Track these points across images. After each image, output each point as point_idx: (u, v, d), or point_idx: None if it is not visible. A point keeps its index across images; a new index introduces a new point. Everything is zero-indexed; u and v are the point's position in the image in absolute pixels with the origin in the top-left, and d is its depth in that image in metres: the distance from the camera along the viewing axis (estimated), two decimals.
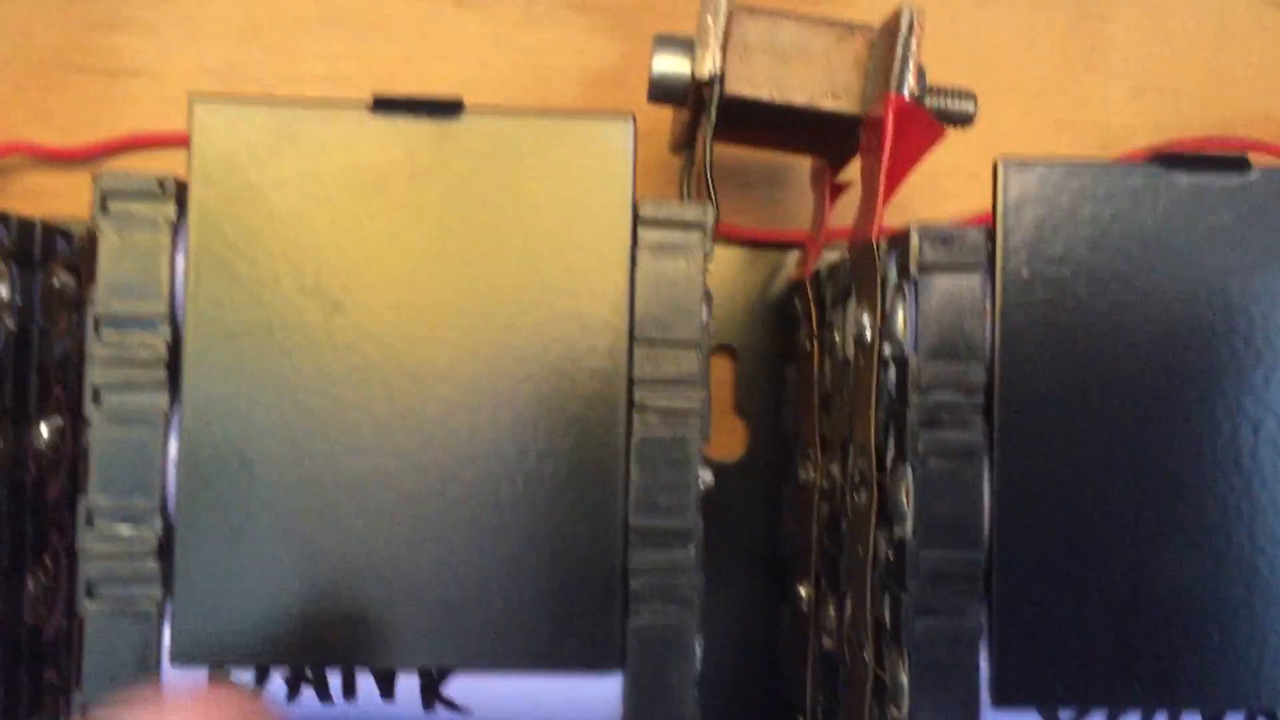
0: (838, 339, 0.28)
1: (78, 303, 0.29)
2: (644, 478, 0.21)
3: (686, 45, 0.26)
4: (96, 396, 0.21)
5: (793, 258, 0.34)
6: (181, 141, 0.34)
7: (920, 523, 0.21)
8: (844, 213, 0.31)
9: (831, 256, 0.31)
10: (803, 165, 0.34)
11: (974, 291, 0.21)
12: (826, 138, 0.28)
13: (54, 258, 0.27)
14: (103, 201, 0.21)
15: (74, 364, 0.29)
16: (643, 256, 0.21)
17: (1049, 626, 0.21)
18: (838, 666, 0.26)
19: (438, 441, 0.21)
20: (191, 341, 0.21)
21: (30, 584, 0.27)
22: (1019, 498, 0.21)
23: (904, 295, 0.22)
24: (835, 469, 0.28)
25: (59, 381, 0.28)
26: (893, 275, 0.23)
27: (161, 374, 0.21)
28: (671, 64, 0.26)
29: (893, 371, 0.23)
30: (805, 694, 0.29)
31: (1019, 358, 0.21)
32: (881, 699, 0.23)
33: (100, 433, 0.21)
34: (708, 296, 0.22)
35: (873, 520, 0.23)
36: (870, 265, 0.23)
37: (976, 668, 0.21)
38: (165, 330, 0.21)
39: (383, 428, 0.21)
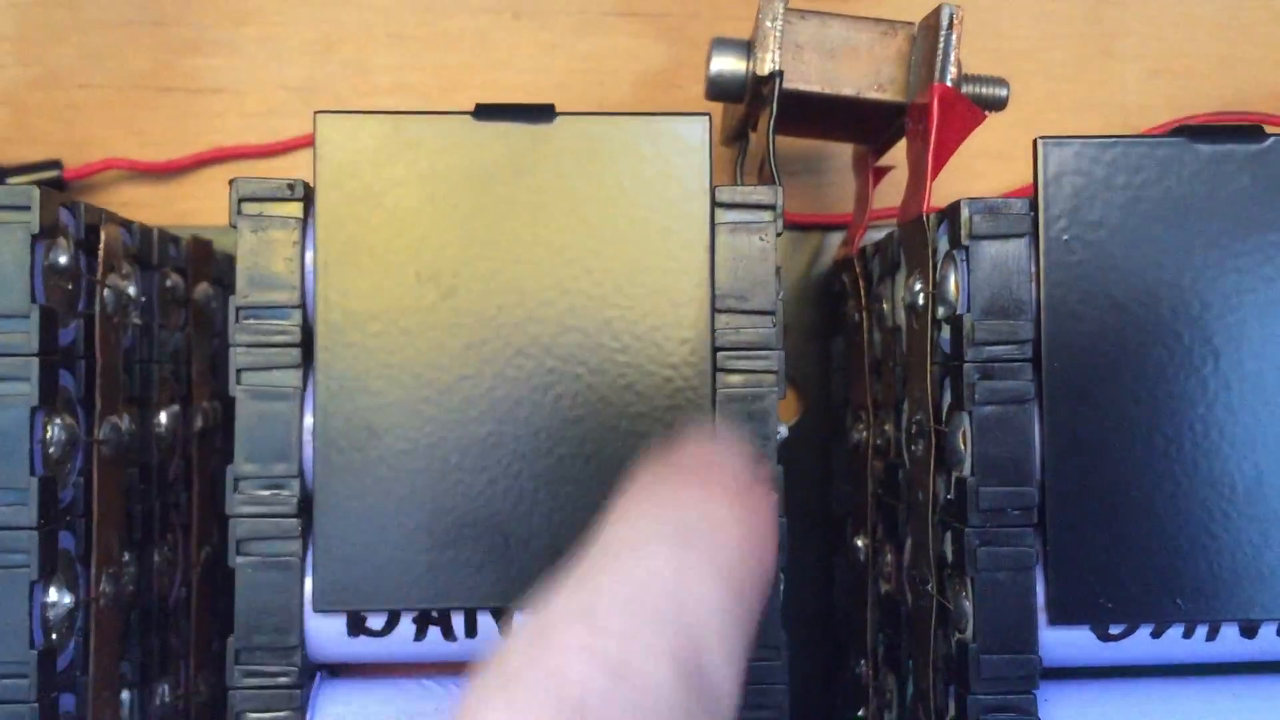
0: (886, 309, 0.30)
1: (185, 302, 0.31)
2: (729, 431, 0.23)
3: (740, 46, 0.29)
4: (240, 376, 0.23)
5: (834, 239, 0.37)
6: (262, 153, 0.37)
7: (978, 464, 0.23)
8: (884, 194, 0.34)
9: (875, 235, 0.33)
10: (842, 152, 0.36)
11: (1020, 256, 0.24)
12: (870, 126, 0.30)
13: (166, 261, 0.30)
14: (239, 204, 0.23)
15: (184, 358, 0.31)
16: (721, 236, 0.24)
17: (1097, 551, 0.23)
18: (899, 606, 0.29)
19: (544, 408, 0.23)
20: (322, 325, 0.23)
21: (156, 557, 0.29)
22: (1066, 437, 0.23)
23: (955, 263, 0.24)
24: (889, 427, 0.30)
25: (173, 374, 0.30)
26: (943, 245, 0.25)
27: (296, 355, 0.23)
28: (728, 64, 0.28)
29: (946, 332, 0.25)
30: (865, 637, 0.31)
31: (1062, 313, 0.23)
32: (946, 626, 0.25)
33: (244, 408, 0.23)
34: (779, 270, 0.24)
35: (932, 466, 0.26)
36: (921, 238, 0.26)
37: (1033, 590, 0.23)
38: (297, 316, 0.23)
39: (494, 397, 0.23)
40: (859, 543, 0.32)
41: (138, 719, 0.28)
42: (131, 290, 0.27)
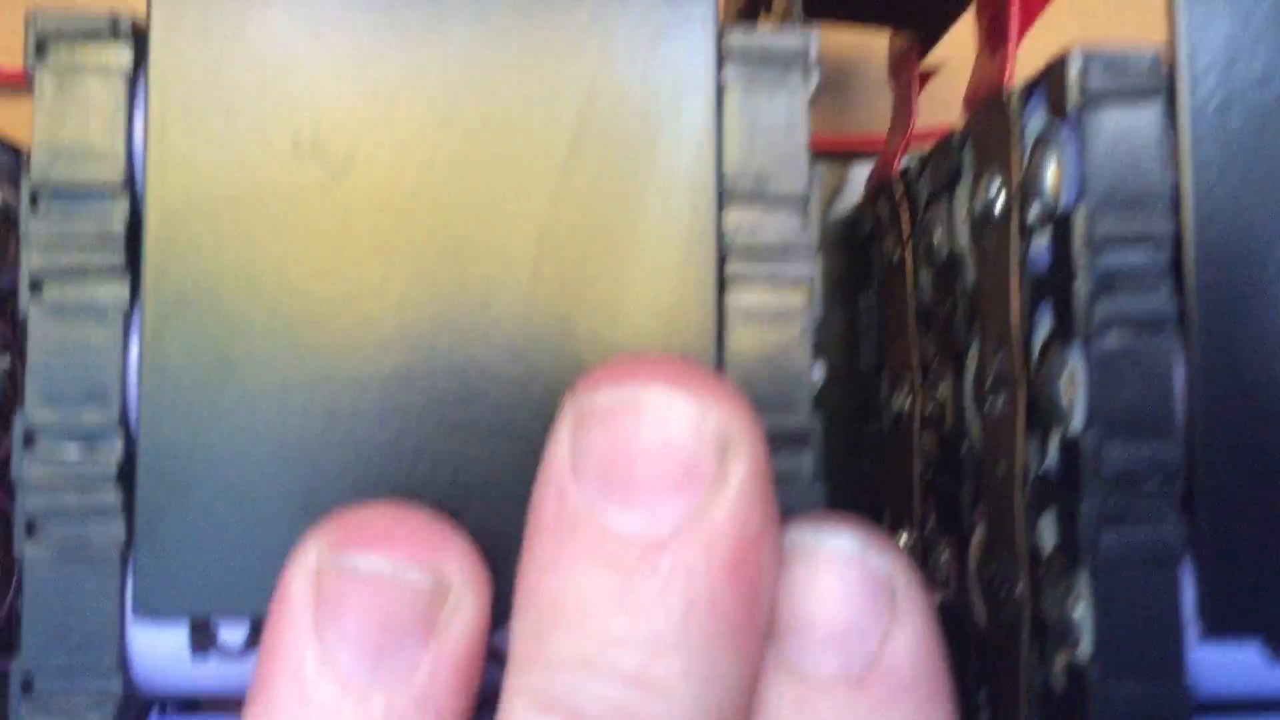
0: (938, 240, 0.23)
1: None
2: (744, 369, 0.16)
3: None
4: (36, 287, 0.16)
5: (858, 172, 0.30)
6: None
7: (1097, 414, 0.16)
8: (926, 111, 0.27)
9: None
10: (870, 62, 0.29)
11: (1152, 126, 0.17)
12: (920, 3, 0.23)
13: None
14: (39, 46, 0.16)
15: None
16: (732, 96, 0.17)
17: (1269, 535, 0.16)
18: (962, 621, 0.22)
19: (477, 333, 0.16)
20: (155, 215, 0.16)
21: None
22: (1222, 377, 0.16)
23: (1054, 144, 0.17)
24: (944, 388, 0.23)
25: (5, 318, 0.23)
26: (1034, 124, 0.18)
27: (118, 257, 0.16)
28: None
29: (1042, 240, 0.18)
30: None
31: (1215, 202, 0.16)
32: (1043, 645, 0.18)
33: (42, 332, 0.16)
34: (810, 155, 0.17)
35: (1020, 425, 0.19)
36: (1002, 119, 0.19)
37: (1177, 592, 0.16)
38: (123, 203, 0.16)
39: (402, 317, 0.16)
40: (901, 539, 0.25)
41: None
42: None
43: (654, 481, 0.13)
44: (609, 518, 0.13)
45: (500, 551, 0.15)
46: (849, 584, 0.14)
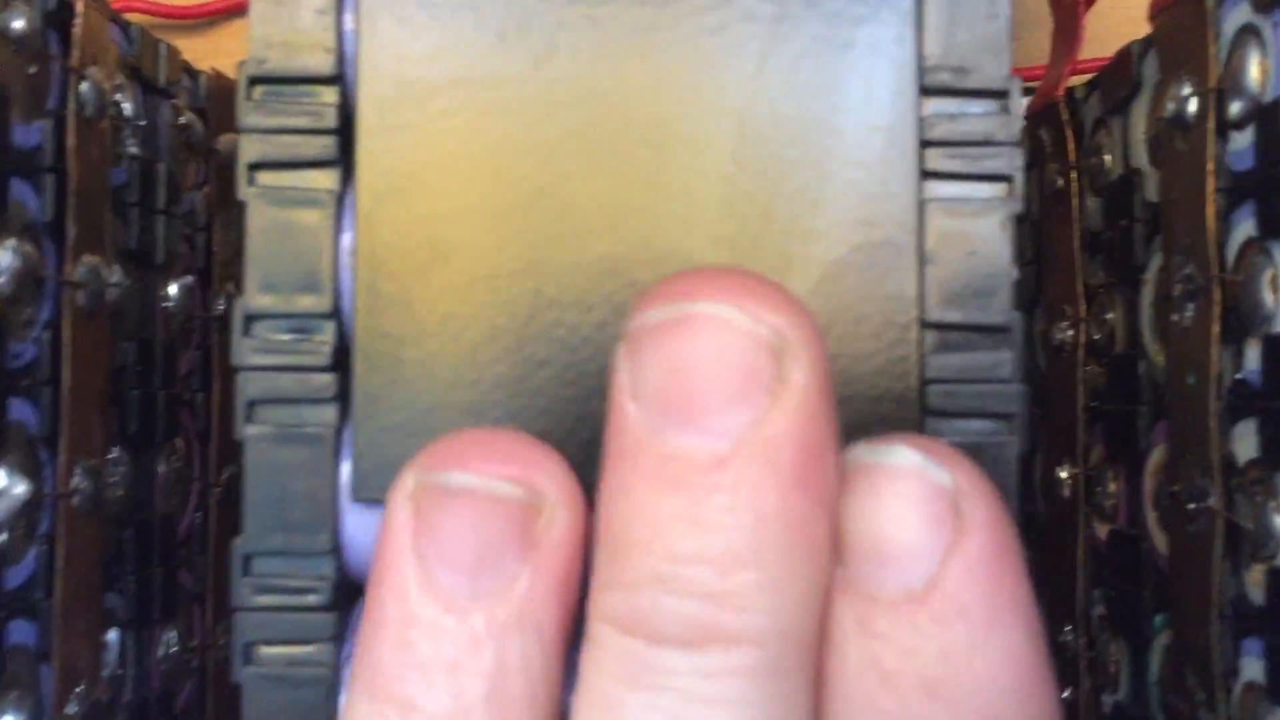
0: (1108, 160, 0.23)
1: (205, 153, 0.25)
2: (943, 260, 0.16)
3: None
4: (252, 175, 0.16)
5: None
6: None
7: None
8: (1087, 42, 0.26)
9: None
10: None
11: None
12: None
13: (179, 91, 0.23)
14: None
15: (202, 223, 0.25)
16: None
17: None
18: (1136, 546, 0.21)
19: (678, 221, 0.16)
20: (367, 104, 0.16)
21: (161, 466, 0.23)
22: None
23: (1256, 38, 0.17)
24: (1113, 315, 0.23)
25: (186, 238, 0.24)
26: (1234, 19, 0.18)
27: (331, 144, 0.17)
28: None
29: (1243, 139, 0.18)
30: (1074, 596, 0.24)
31: None
32: (1237, 556, 0.18)
33: (258, 218, 0.16)
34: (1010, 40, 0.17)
35: (1213, 333, 0.18)
36: (1196, 19, 0.19)
37: None
38: (334, 90, 0.17)
39: (609, 203, 0.16)
40: (1063, 474, 0.25)
41: (132, 668, 0.21)
42: (127, 107, 0.21)
43: (710, 397, 0.13)
44: (669, 438, 0.13)
45: None
46: (908, 500, 0.14)
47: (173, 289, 0.23)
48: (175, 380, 0.23)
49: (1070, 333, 0.24)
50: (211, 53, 0.30)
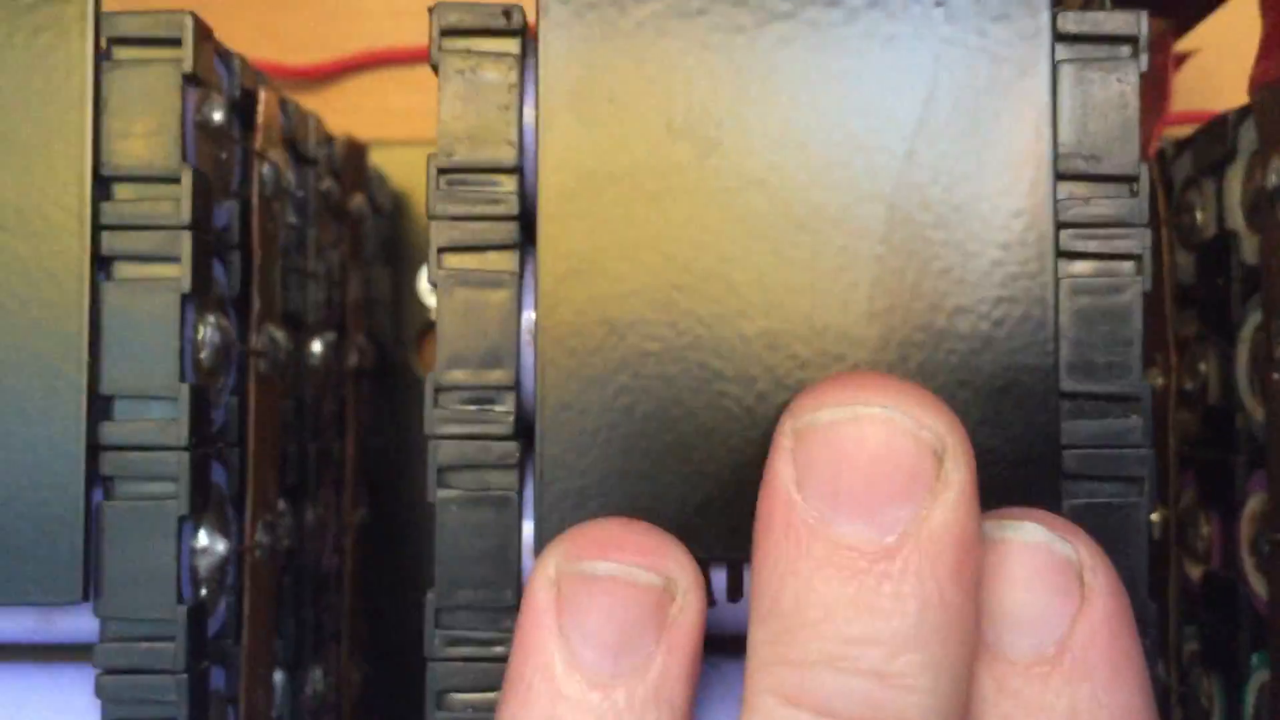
0: (1199, 217, 0.24)
1: (341, 214, 0.26)
2: (1078, 334, 0.18)
3: None
4: (441, 259, 0.18)
5: None
6: (420, 56, 0.31)
7: None
8: (1181, 94, 0.28)
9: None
10: None
11: None
12: None
13: (320, 160, 0.25)
14: (440, 37, 0.18)
15: (339, 280, 0.26)
16: (1065, 76, 0.18)
17: None
18: (1228, 587, 0.23)
19: (834, 299, 0.18)
20: (547, 191, 0.18)
21: (309, 513, 0.24)
22: None
23: None
24: (1205, 366, 0.24)
25: (326, 299, 0.25)
26: None
27: (513, 230, 0.18)
28: None
29: None
30: (1165, 633, 0.25)
31: None
32: None
33: (449, 300, 0.18)
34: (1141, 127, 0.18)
35: None
36: None
37: None
38: (515, 181, 0.18)
39: (768, 285, 0.18)
40: (1154, 517, 0.26)
41: (288, 706, 0.23)
42: (291, 178, 0.23)
43: (879, 491, 0.15)
44: (838, 528, 0.15)
45: None
46: (1037, 571, 0.15)
47: (317, 345, 0.25)
48: (319, 430, 0.25)
49: (1160, 380, 0.26)
50: (322, 109, 0.32)
